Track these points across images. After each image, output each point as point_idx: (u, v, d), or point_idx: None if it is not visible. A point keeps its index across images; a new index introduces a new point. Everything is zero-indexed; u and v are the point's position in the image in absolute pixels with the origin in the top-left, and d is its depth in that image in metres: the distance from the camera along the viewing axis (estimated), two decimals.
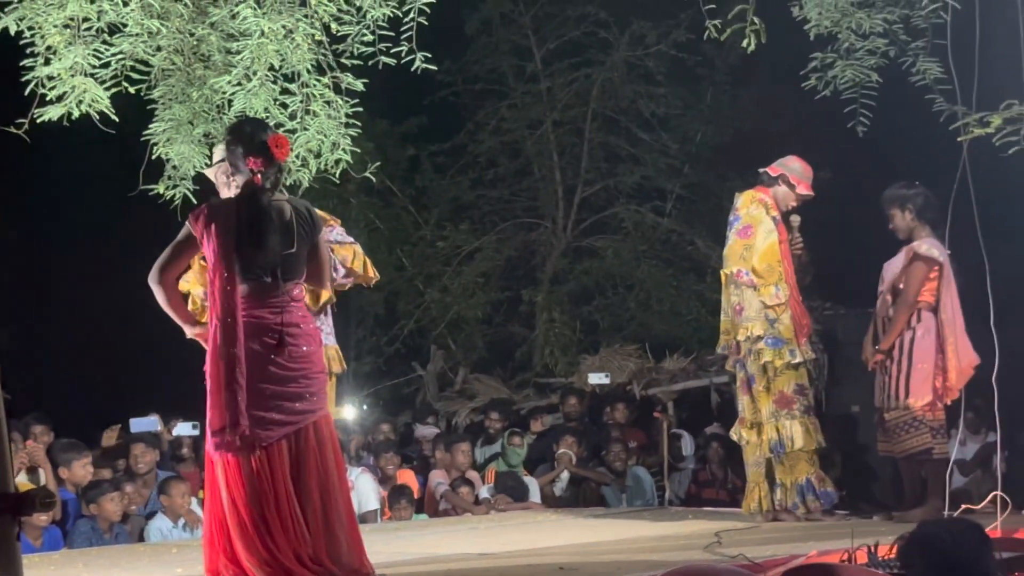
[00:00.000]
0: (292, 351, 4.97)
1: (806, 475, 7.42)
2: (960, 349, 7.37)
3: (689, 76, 14.51)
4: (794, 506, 7.42)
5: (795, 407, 7.39)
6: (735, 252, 7.49)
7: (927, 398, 7.39)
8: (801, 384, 7.44)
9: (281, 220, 5.00)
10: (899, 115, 7.22)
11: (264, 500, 4.85)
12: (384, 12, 6.21)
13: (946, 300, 7.39)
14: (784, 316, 7.39)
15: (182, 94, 6.66)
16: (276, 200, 5.03)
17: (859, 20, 6.63)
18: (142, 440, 8.56)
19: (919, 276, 7.43)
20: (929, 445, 7.40)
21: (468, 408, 12.79)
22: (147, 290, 5.11)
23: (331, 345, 6.44)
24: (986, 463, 9.66)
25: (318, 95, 6.44)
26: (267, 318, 4.95)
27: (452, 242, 14.62)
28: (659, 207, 14.73)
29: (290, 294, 5.03)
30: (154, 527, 7.90)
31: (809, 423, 7.43)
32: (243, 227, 4.92)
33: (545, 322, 14.14)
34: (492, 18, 14.57)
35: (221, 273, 4.90)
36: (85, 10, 6.02)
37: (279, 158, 5.03)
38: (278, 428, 4.90)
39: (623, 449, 10.13)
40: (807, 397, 7.46)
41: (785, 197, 7.58)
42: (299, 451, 4.94)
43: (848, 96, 6.72)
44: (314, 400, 5.03)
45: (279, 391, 4.93)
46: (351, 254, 6.26)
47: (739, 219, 7.52)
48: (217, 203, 5.13)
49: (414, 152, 14.83)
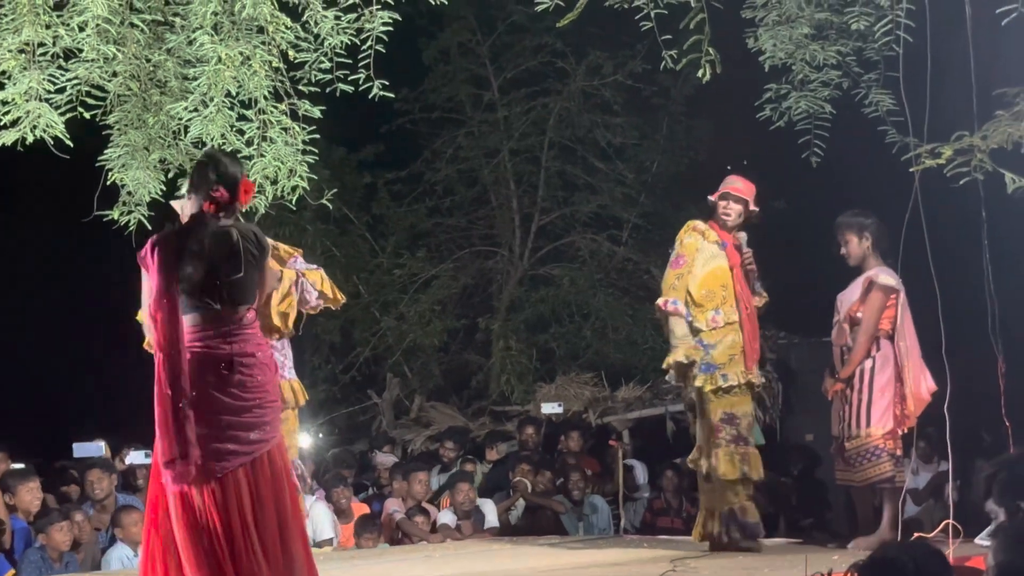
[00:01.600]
0: (246, 381, 4.93)
1: (728, 505, 7.37)
2: (916, 376, 7.41)
3: (645, 106, 14.58)
4: (720, 535, 7.40)
5: (720, 435, 7.33)
6: (666, 283, 7.58)
7: (888, 426, 7.43)
8: (730, 412, 7.35)
9: (228, 245, 4.96)
10: (852, 146, 7.29)
11: (213, 533, 4.82)
12: (342, 40, 6.22)
13: (903, 328, 7.44)
14: (722, 340, 7.37)
15: (138, 120, 6.65)
16: (222, 225, 4.99)
17: (813, 52, 6.70)
18: (96, 466, 8.46)
19: (877, 305, 7.47)
20: (891, 473, 7.42)
21: (424, 436, 12.76)
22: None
23: (293, 379, 6.41)
24: (938, 492, 9.71)
25: (275, 122, 6.44)
26: (219, 347, 4.91)
27: (409, 270, 14.59)
28: (615, 236, 14.77)
29: (240, 321, 4.98)
30: (114, 555, 7.81)
31: (736, 452, 7.34)
32: (186, 254, 4.89)
33: (501, 350, 14.12)
34: (450, 47, 14.59)
35: (163, 302, 4.85)
36: (41, 35, 6.00)
37: (242, 201, 5.03)
38: (233, 458, 4.87)
39: (581, 478, 10.13)
40: (736, 426, 7.35)
41: (724, 214, 7.57)
42: (256, 481, 4.90)
43: (802, 127, 6.78)
44: (268, 429, 4.99)
45: (233, 421, 4.89)
46: (319, 278, 6.25)
47: (673, 250, 7.59)
48: (161, 234, 5.06)
49: (371, 180, 14.80)
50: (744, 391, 7.41)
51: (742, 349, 7.40)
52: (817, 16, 6.67)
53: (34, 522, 7.71)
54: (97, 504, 8.25)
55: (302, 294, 6.12)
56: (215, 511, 4.82)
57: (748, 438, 7.43)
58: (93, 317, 12.65)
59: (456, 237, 15.13)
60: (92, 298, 12.79)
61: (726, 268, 7.45)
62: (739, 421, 7.37)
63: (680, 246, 7.54)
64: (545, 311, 14.56)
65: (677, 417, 11.78)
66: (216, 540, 4.81)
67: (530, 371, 13.99)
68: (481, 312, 14.80)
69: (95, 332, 12.84)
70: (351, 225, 14.61)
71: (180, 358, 4.81)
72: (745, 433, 7.41)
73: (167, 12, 6.52)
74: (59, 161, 6.20)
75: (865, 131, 6.93)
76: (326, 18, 6.21)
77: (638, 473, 10.89)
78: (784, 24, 6.71)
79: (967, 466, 9.25)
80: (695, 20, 6.28)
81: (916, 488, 9.81)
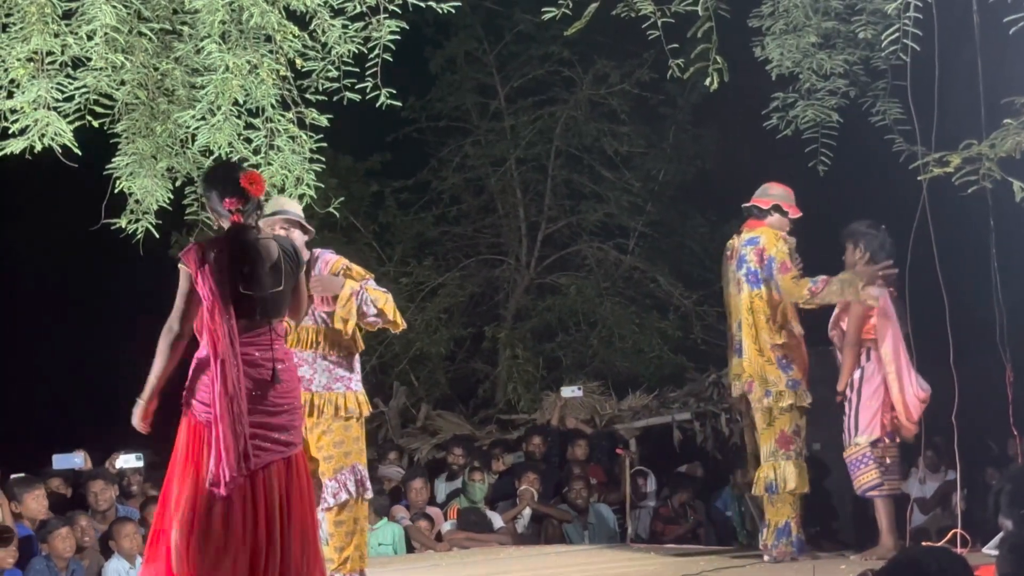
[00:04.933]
0: (280, 385, 5.07)
1: (786, 518, 7.26)
2: (905, 383, 7.35)
3: (652, 115, 14.59)
4: (773, 546, 7.32)
5: (791, 448, 7.25)
6: (787, 286, 7.19)
7: (875, 434, 7.40)
8: (798, 425, 7.28)
9: (269, 258, 5.06)
10: (860, 155, 7.28)
11: (244, 527, 4.93)
12: (349, 48, 6.23)
13: (885, 333, 7.37)
14: (800, 356, 7.34)
15: (146, 128, 6.66)
16: (263, 238, 5.12)
17: (820, 61, 6.71)
18: (100, 477, 8.43)
19: (859, 315, 7.44)
20: (878, 480, 7.37)
21: (430, 444, 12.75)
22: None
23: (359, 391, 6.45)
24: (946, 501, 9.70)
25: (282, 130, 6.45)
26: (256, 354, 5.03)
27: (415, 278, 14.59)
28: (622, 244, 14.76)
29: (276, 331, 5.12)
30: (111, 567, 7.80)
31: (802, 465, 7.29)
32: (235, 265, 4.98)
33: (508, 359, 14.12)
34: (457, 56, 14.61)
35: (220, 310, 4.96)
36: (49, 44, 6.01)
37: (255, 194, 5.08)
38: (264, 455, 5.00)
39: (585, 486, 10.11)
40: (800, 439, 7.31)
41: (780, 226, 7.40)
42: (290, 482, 5.06)
43: (809, 136, 6.78)
44: (295, 433, 5.17)
45: (267, 422, 5.04)
46: (383, 299, 6.27)
47: (773, 259, 7.24)
48: (206, 241, 5.15)
49: (378, 188, 14.81)
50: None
51: (805, 365, 7.37)
52: (824, 25, 6.68)
53: (39, 530, 7.70)
54: (99, 515, 8.22)
55: (360, 306, 6.16)
56: (250, 505, 4.94)
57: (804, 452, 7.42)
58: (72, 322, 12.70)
59: (463, 245, 15.13)
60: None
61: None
62: (802, 434, 7.34)
63: (779, 253, 7.26)
64: (552, 320, 14.56)
65: (683, 426, 11.79)
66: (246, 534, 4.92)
67: (536, 380, 13.98)
68: (488, 321, 14.79)
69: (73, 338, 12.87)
70: (358, 233, 14.62)
71: (238, 362, 4.94)
72: (804, 448, 7.40)
73: (175, 21, 6.53)
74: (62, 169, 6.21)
75: (873, 140, 6.92)
76: (333, 27, 6.22)
77: (648, 480, 10.88)
78: (791, 33, 6.72)
79: (975, 475, 9.24)
80: (702, 29, 6.29)
81: (923, 497, 9.79)
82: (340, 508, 6.18)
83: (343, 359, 6.31)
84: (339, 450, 6.22)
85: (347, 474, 6.20)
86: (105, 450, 9.24)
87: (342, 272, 6.26)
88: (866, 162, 8.75)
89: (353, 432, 6.30)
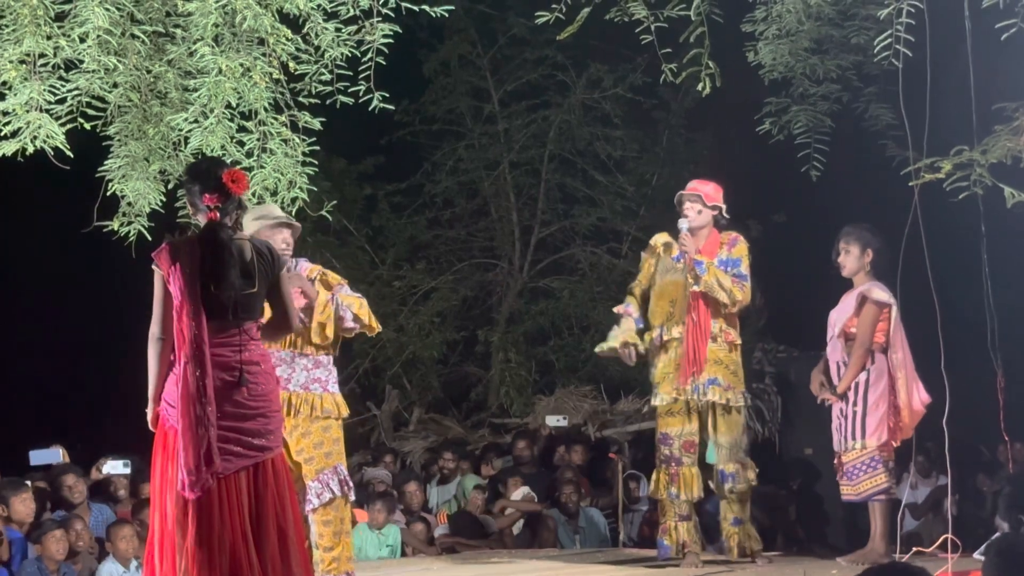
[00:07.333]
0: (251, 388, 5.02)
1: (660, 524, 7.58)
2: (910, 389, 7.40)
3: (645, 119, 14.59)
4: None
5: (656, 455, 7.49)
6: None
7: (883, 438, 7.42)
8: (664, 432, 7.41)
9: (242, 259, 5.03)
10: (852, 160, 7.29)
11: (214, 534, 4.86)
12: (342, 52, 6.24)
13: (896, 341, 7.43)
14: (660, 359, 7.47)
15: (138, 131, 6.66)
16: (237, 239, 5.07)
17: (813, 66, 6.73)
18: (71, 471, 8.35)
19: (871, 319, 7.47)
20: (887, 484, 7.40)
21: (422, 448, 12.75)
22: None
23: (336, 392, 6.46)
24: (937, 506, 9.71)
25: (275, 133, 6.45)
26: (227, 355, 4.98)
27: (408, 282, 14.58)
28: (615, 248, 14.76)
29: (248, 332, 5.06)
30: (105, 570, 7.78)
31: (664, 473, 7.42)
32: (206, 265, 4.95)
33: (501, 362, 14.11)
34: (450, 59, 14.60)
35: (188, 310, 4.92)
36: (42, 46, 6.01)
37: (236, 192, 5.06)
38: (236, 460, 4.94)
39: (575, 490, 10.11)
40: (669, 446, 7.39)
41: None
42: (258, 488, 4.99)
43: (802, 140, 6.79)
44: (271, 438, 5.09)
45: (237, 426, 4.97)
46: (356, 303, 6.30)
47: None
48: (177, 241, 5.13)
49: (371, 191, 14.80)
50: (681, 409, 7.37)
51: (676, 365, 7.36)
52: (817, 30, 6.69)
53: (29, 533, 7.68)
54: (74, 509, 8.15)
55: (337, 311, 6.19)
56: (215, 511, 4.87)
57: (682, 458, 7.39)
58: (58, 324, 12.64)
59: (456, 249, 15.12)
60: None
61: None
62: (672, 441, 7.37)
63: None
64: (545, 323, 14.55)
65: None
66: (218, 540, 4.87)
67: (529, 384, 13.98)
68: (480, 324, 14.79)
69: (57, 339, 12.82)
70: (351, 237, 14.61)
71: (205, 363, 4.89)
72: (679, 453, 7.39)
73: (168, 24, 6.53)
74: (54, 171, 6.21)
75: (865, 145, 6.94)
76: (327, 30, 6.23)
77: (638, 485, 10.87)
78: (784, 38, 6.73)
79: (966, 481, 9.25)
80: (695, 34, 6.30)
81: (915, 502, 9.80)
82: (325, 507, 6.21)
83: (321, 359, 6.33)
84: (319, 451, 6.25)
85: (329, 474, 6.23)
86: (93, 454, 9.20)
87: (318, 278, 6.28)
88: (858, 167, 8.77)
89: (332, 433, 6.31)
